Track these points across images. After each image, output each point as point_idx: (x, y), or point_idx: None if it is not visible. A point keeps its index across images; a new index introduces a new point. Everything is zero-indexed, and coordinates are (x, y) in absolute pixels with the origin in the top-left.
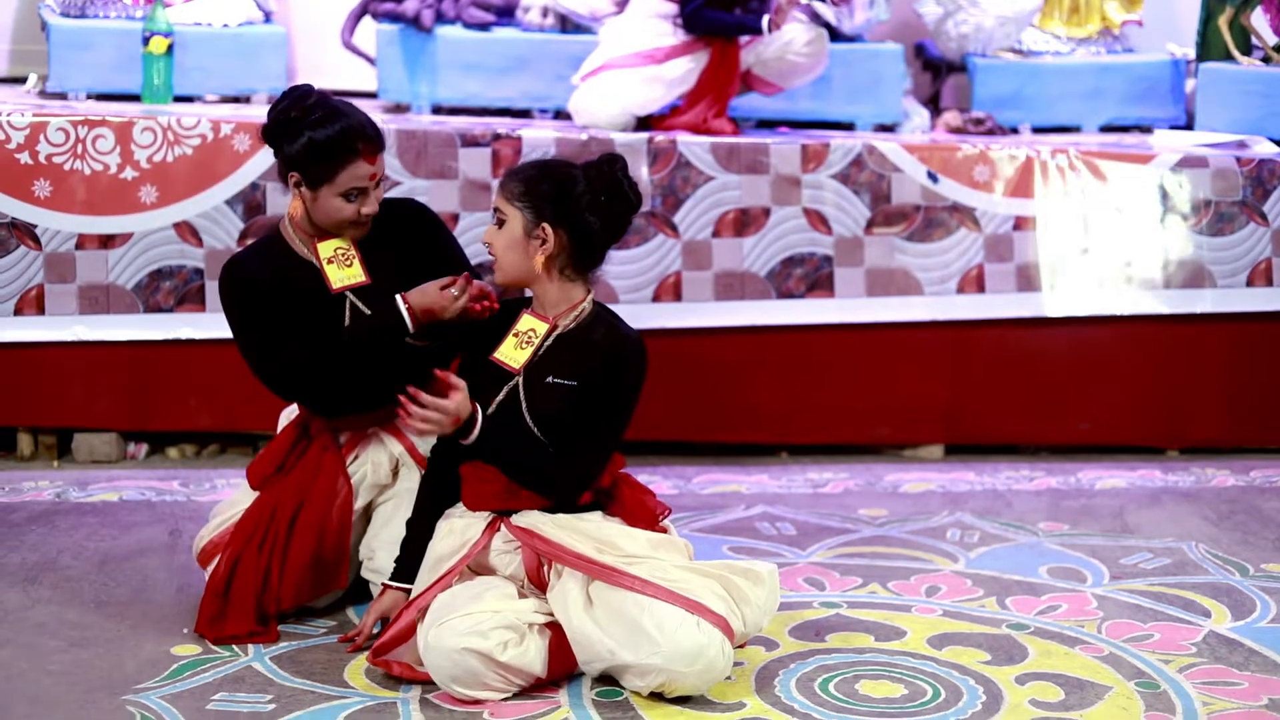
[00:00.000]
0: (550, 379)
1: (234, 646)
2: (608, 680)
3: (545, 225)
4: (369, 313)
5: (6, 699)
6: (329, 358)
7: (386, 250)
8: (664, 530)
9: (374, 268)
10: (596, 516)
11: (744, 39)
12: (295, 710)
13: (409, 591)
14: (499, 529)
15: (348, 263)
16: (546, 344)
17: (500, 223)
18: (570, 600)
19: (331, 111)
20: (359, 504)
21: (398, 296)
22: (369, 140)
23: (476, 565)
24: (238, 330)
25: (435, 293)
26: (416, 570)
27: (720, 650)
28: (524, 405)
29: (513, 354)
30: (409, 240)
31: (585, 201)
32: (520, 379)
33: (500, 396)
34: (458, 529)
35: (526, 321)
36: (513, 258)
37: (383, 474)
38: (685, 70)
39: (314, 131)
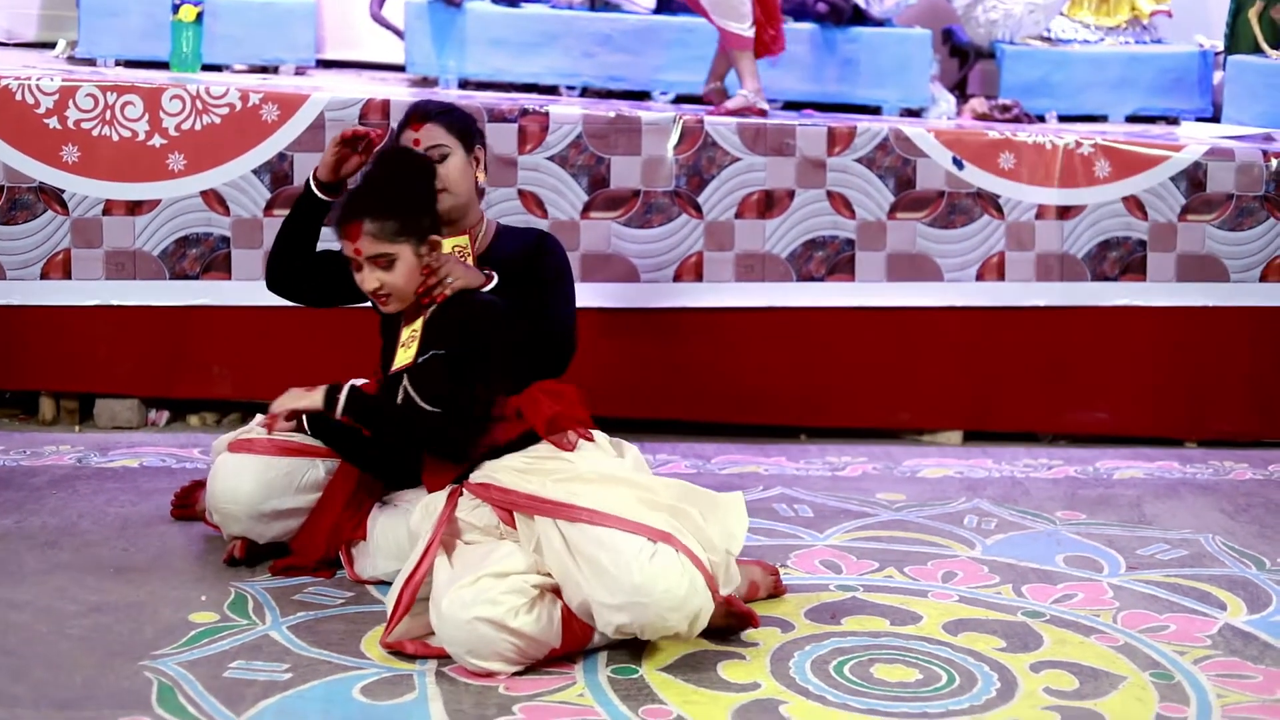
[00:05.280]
0: (422, 358)
1: (251, 615)
2: (623, 658)
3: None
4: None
5: (25, 662)
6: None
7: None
8: (589, 438)
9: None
10: (543, 448)
11: None
12: (311, 680)
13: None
14: (461, 494)
15: (408, 346)
16: (417, 336)
17: (390, 264)
18: (547, 541)
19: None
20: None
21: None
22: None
23: (454, 536)
24: None
25: None
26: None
27: (681, 569)
28: (416, 400)
29: (401, 356)
30: (518, 269)
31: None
32: (405, 377)
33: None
34: (423, 502)
35: (408, 330)
36: (414, 284)
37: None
38: None
39: None
